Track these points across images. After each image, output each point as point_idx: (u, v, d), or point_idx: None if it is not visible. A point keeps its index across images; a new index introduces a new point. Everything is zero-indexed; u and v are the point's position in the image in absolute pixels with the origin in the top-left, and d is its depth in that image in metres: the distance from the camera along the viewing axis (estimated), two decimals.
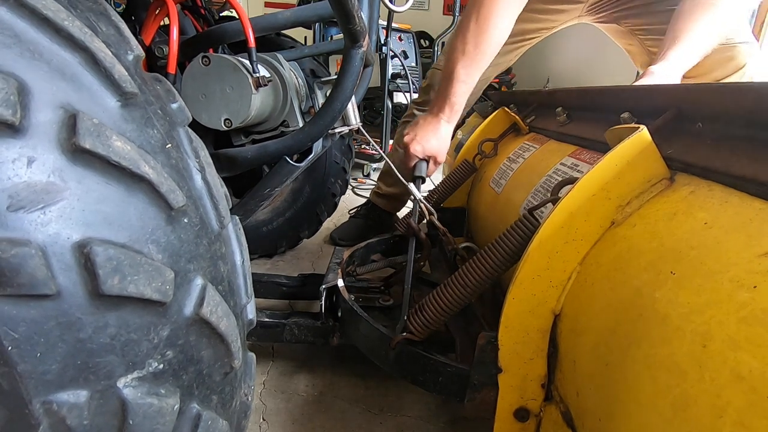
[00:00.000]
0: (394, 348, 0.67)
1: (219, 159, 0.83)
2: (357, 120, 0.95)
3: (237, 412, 0.43)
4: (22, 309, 0.26)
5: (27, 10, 0.28)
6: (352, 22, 0.69)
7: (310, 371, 0.96)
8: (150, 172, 0.31)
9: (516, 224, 0.58)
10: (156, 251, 0.32)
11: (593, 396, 0.46)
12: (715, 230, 0.40)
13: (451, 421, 0.84)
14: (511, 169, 1.01)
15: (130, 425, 0.30)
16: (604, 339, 0.45)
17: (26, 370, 0.26)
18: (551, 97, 1.12)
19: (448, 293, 0.62)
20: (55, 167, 0.27)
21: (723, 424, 0.30)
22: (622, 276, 0.46)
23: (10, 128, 0.25)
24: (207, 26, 1.07)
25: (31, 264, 0.25)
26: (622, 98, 0.72)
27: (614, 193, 0.51)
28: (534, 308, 0.54)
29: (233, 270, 0.43)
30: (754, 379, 0.29)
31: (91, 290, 0.28)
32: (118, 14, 0.39)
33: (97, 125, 0.29)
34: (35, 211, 0.26)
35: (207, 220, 0.39)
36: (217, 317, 0.36)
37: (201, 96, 0.82)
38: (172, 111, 0.40)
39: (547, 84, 3.95)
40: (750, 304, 0.32)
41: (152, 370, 0.31)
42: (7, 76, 0.26)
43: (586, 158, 0.74)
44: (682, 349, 0.35)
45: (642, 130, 0.50)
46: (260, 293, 1.10)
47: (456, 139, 1.72)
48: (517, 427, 0.57)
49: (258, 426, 0.81)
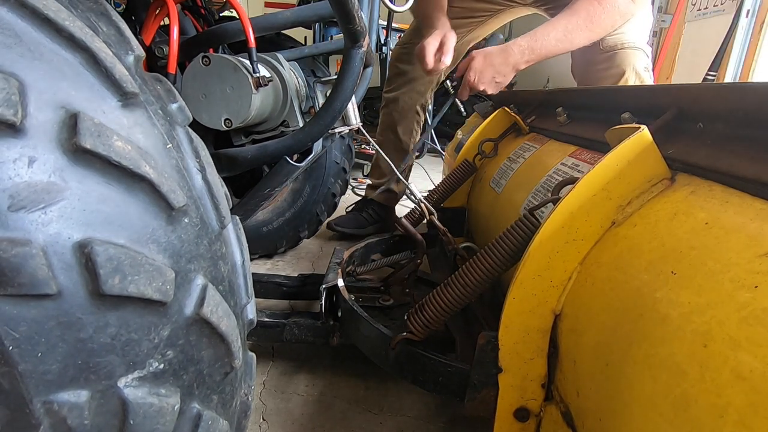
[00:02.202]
0: (394, 348, 0.67)
1: (219, 159, 0.83)
2: (357, 120, 0.95)
3: (237, 412, 0.43)
4: (23, 309, 0.25)
5: (28, 10, 0.28)
6: (352, 22, 0.68)
7: (310, 371, 0.96)
8: (150, 172, 0.31)
9: (516, 224, 0.58)
10: (156, 251, 0.32)
11: (594, 396, 0.46)
12: (715, 230, 0.40)
13: (451, 421, 0.84)
14: (512, 169, 1.01)
15: (131, 425, 0.30)
16: (604, 339, 0.45)
17: (27, 370, 0.26)
18: (551, 97, 1.12)
19: (448, 293, 0.62)
20: (55, 167, 0.27)
21: (724, 424, 0.30)
22: (622, 276, 0.46)
23: (11, 128, 0.25)
24: (207, 26, 1.07)
25: (32, 264, 0.25)
26: (623, 98, 0.72)
27: (615, 193, 0.51)
28: (534, 308, 0.54)
29: (233, 270, 0.43)
30: (755, 379, 0.29)
31: (92, 290, 0.28)
32: (118, 14, 0.39)
33: (98, 125, 0.29)
34: (36, 211, 0.26)
35: (207, 220, 0.39)
36: (217, 317, 0.36)
37: (201, 96, 0.82)
38: (173, 111, 0.40)
39: (547, 84, 3.96)
40: (751, 304, 0.32)
41: (153, 369, 0.31)
42: (8, 76, 0.26)
43: (586, 158, 0.74)
44: (682, 349, 0.35)
45: (643, 130, 0.50)
46: (260, 293, 1.10)
47: (456, 139, 1.73)
48: (517, 426, 0.57)
49: (258, 426, 0.81)
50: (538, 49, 1.16)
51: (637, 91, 0.70)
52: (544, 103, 1.16)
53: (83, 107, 0.29)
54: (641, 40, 1.33)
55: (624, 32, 1.30)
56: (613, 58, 1.32)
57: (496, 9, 1.55)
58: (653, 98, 0.63)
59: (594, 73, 1.38)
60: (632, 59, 1.32)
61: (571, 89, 0.97)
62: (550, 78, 3.97)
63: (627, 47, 1.31)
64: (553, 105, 1.01)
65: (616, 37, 1.30)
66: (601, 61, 1.34)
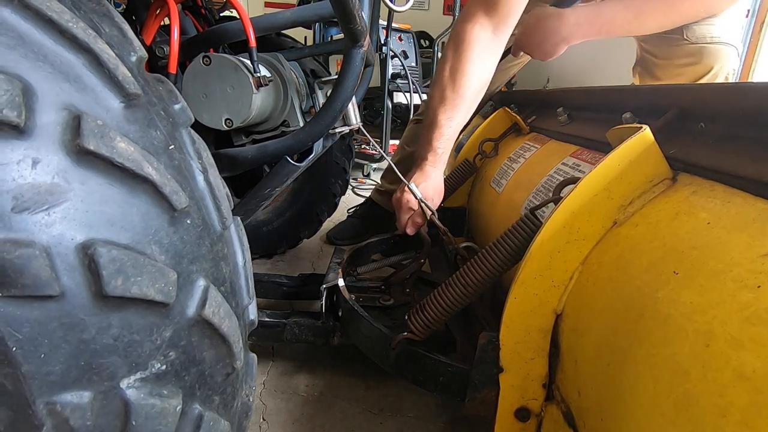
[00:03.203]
0: (395, 348, 0.67)
1: (220, 159, 0.83)
2: (357, 120, 0.95)
3: (238, 413, 0.43)
4: (26, 310, 0.26)
5: (31, 11, 0.28)
6: (352, 22, 0.68)
7: (310, 371, 0.96)
8: (153, 173, 0.31)
9: (517, 224, 0.58)
10: (159, 252, 0.32)
11: (595, 396, 0.46)
12: (717, 230, 0.40)
13: (451, 421, 0.84)
14: (512, 168, 1.01)
15: (133, 426, 0.30)
16: (605, 339, 0.45)
17: (30, 371, 0.26)
18: (552, 97, 1.12)
19: (449, 293, 0.62)
20: (59, 168, 0.27)
21: (726, 424, 0.30)
22: (624, 276, 0.46)
23: (15, 129, 0.25)
24: (207, 26, 1.07)
25: (35, 265, 0.25)
26: (624, 98, 0.72)
27: (616, 192, 0.51)
28: (535, 308, 0.54)
29: (235, 271, 0.43)
30: (758, 379, 0.29)
31: (95, 291, 0.28)
32: (120, 15, 0.39)
33: (101, 126, 0.29)
34: (39, 213, 0.26)
35: (209, 221, 0.39)
36: (219, 318, 0.36)
37: (202, 96, 0.82)
38: (175, 112, 0.40)
39: (548, 84, 3.95)
40: (753, 304, 0.32)
41: (155, 370, 0.31)
42: (11, 77, 0.26)
43: (587, 158, 0.74)
44: (684, 349, 0.35)
45: (644, 129, 0.50)
46: (261, 293, 1.10)
47: (456, 139, 1.73)
48: (518, 426, 0.57)
49: (258, 426, 0.81)
50: (600, 25, 1.02)
51: (639, 91, 0.70)
52: (545, 103, 1.16)
53: (86, 109, 0.29)
54: (735, 38, 1.15)
55: (714, 24, 1.11)
56: (700, 52, 1.14)
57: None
58: (654, 98, 0.63)
59: (672, 68, 1.20)
60: (724, 58, 1.14)
61: (572, 89, 0.97)
62: (551, 78, 3.97)
63: (719, 42, 1.12)
64: (553, 105, 1.01)
65: (705, 28, 1.11)
66: (683, 55, 1.16)
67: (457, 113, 1.01)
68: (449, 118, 1.01)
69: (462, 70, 0.99)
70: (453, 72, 0.99)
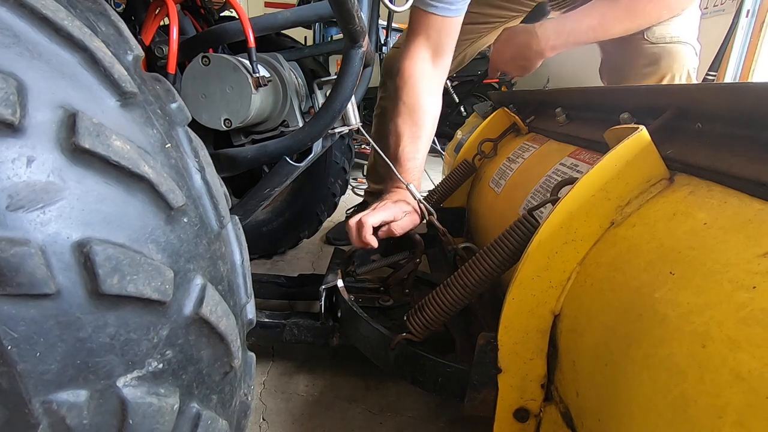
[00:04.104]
0: (394, 348, 0.67)
1: (219, 159, 0.83)
2: (357, 120, 0.95)
3: (237, 412, 0.43)
4: (22, 308, 0.26)
5: (26, 9, 0.28)
6: (351, 22, 0.68)
7: (310, 371, 0.96)
8: (149, 171, 0.31)
9: (515, 224, 0.58)
10: (155, 251, 0.32)
11: (593, 396, 0.46)
12: (714, 230, 0.40)
13: (450, 421, 0.84)
14: (511, 169, 1.01)
15: (130, 425, 0.30)
16: (603, 339, 0.45)
17: (26, 370, 0.26)
18: (551, 97, 1.12)
19: (448, 293, 0.62)
20: (54, 167, 0.27)
21: (722, 425, 0.30)
22: (621, 276, 0.46)
23: (10, 128, 0.25)
24: (207, 26, 1.07)
25: (30, 263, 0.25)
26: (622, 98, 0.72)
27: (614, 193, 0.51)
28: (534, 308, 0.54)
29: (233, 269, 0.43)
30: (754, 380, 0.29)
31: (91, 290, 0.28)
32: (117, 14, 0.39)
33: (97, 125, 0.29)
34: (35, 211, 0.26)
35: (206, 219, 0.39)
36: (216, 317, 0.36)
37: (201, 96, 0.82)
38: (172, 111, 0.40)
39: (547, 84, 3.95)
40: (749, 304, 0.32)
41: (152, 369, 0.31)
42: (6, 75, 0.26)
43: (585, 158, 0.74)
44: (681, 350, 0.35)
45: (641, 130, 0.50)
46: (260, 293, 1.10)
47: (456, 139, 1.73)
48: (517, 427, 0.57)
49: (258, 426, 0.81)
50: (567, 35, 1.05)
51: (636, 91, 0.70)
52: (544, 103, 1.16)
53: (82, 107, 0.29)
54: (692, 37, 1.16)
55: (672, 24, 1.13)
56: (659, 53, 1.15)
57: (511, 15, 1.46)
58: (652, 98, 0.63)
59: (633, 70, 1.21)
60: (683, 57, 1.15)
61: (571, 89, 0.97)
62: (550, 78, 3.96)
63: (677, 41, 1.13)
64: (552, 105, 1.01)
65: (664, 28, 1.12)
66: (643, 57, 1.17)
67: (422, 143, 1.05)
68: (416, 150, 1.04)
69: (417, 104, 1.04)
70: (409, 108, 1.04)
